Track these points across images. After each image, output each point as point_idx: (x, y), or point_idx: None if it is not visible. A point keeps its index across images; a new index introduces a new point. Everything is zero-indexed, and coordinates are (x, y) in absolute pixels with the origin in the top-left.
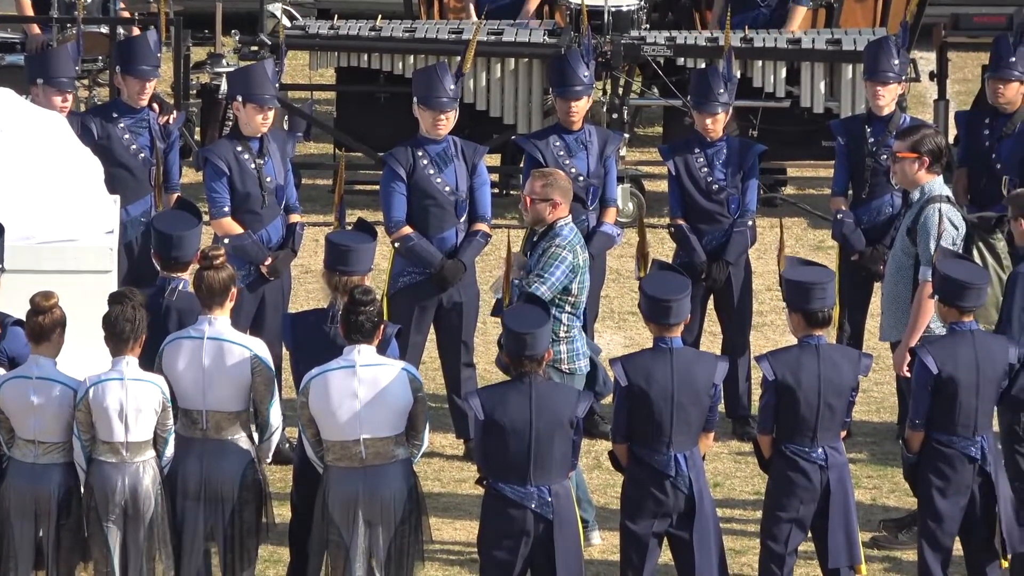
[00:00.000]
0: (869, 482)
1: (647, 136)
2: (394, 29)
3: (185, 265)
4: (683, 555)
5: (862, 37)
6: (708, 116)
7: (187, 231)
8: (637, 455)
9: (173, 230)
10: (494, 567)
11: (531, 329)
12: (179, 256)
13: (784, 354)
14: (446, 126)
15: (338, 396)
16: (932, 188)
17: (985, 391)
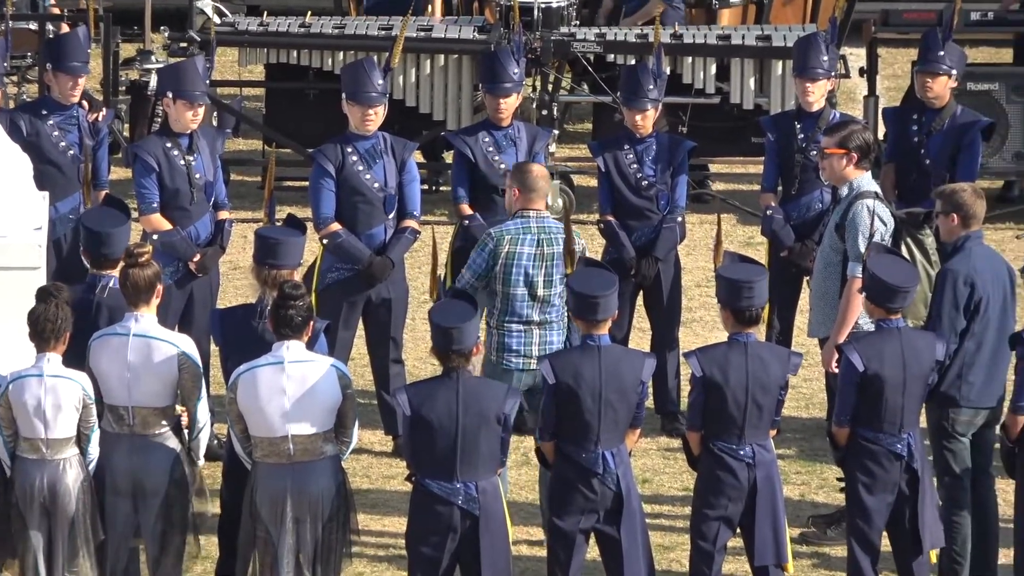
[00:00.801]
0: (798, 478)
1: (577, 132)
2: (323, 26)
3: (115, 262)
4: (611, 552)
5: (792, 33)
6: (638, 112)
7: (116, 228)
8: (564, 452)
9: (102, 227)
10: (422, 563)
11: (457, 323)
12: (108, 253)
13: (713, 351)
14: (375, 121)
15: (266, 392)
16: (860, 184)
17: (912, 388)
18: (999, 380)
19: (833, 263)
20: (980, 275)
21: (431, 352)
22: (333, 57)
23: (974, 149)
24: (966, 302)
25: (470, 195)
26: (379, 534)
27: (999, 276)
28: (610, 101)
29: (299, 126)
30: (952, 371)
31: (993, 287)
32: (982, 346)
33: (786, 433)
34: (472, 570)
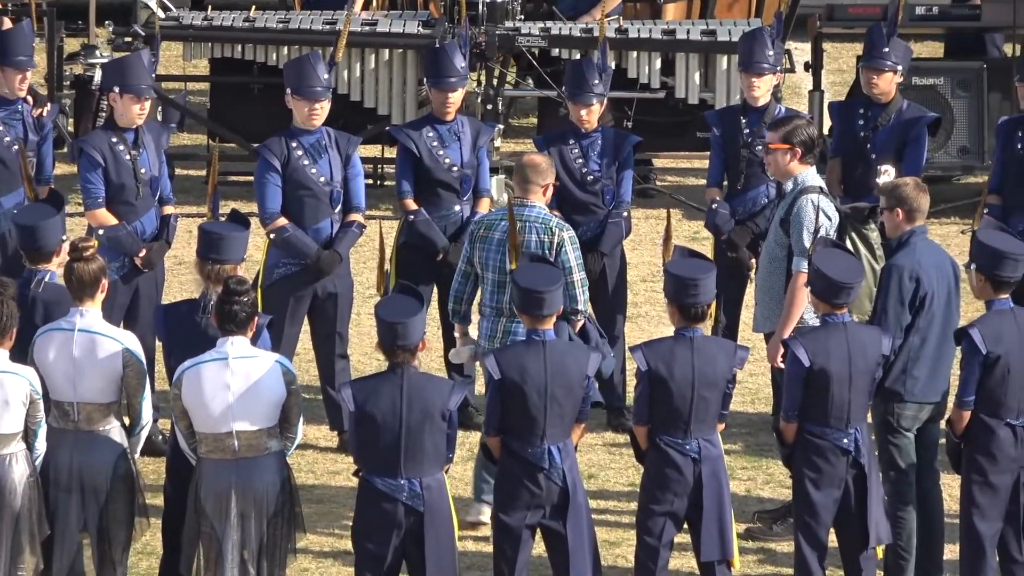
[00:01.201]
0: (744, 473)
1: (522, 127)
2: (268, 20)
3: (48, 256)
4: (557, 547)
5: (737, 28)
6: (583, 107)
7: (44, 221)
8: (510, 447)
9: (31, 221)
10: (367, 559)
11: (403, 319)
12: (41, 247)
13: (658, 345)
14: (321, 116)
15: (211, 388)
16: (805, 179)
17: (858, 383)
18: (944, 375)
19: (778, 258)
20: (925, 270)
21: (376, 347)
22: (278, 51)
23: (920, 144)
24: (911, 297)
25: (415, 190)
26: (324, 530)
27: (944, 271)
28: (555, 96)
29: (244, 120)
30: (897, 366)
31: (938, 282)
32: (927, 341)
33: (732, 428)
34: (417, 566)
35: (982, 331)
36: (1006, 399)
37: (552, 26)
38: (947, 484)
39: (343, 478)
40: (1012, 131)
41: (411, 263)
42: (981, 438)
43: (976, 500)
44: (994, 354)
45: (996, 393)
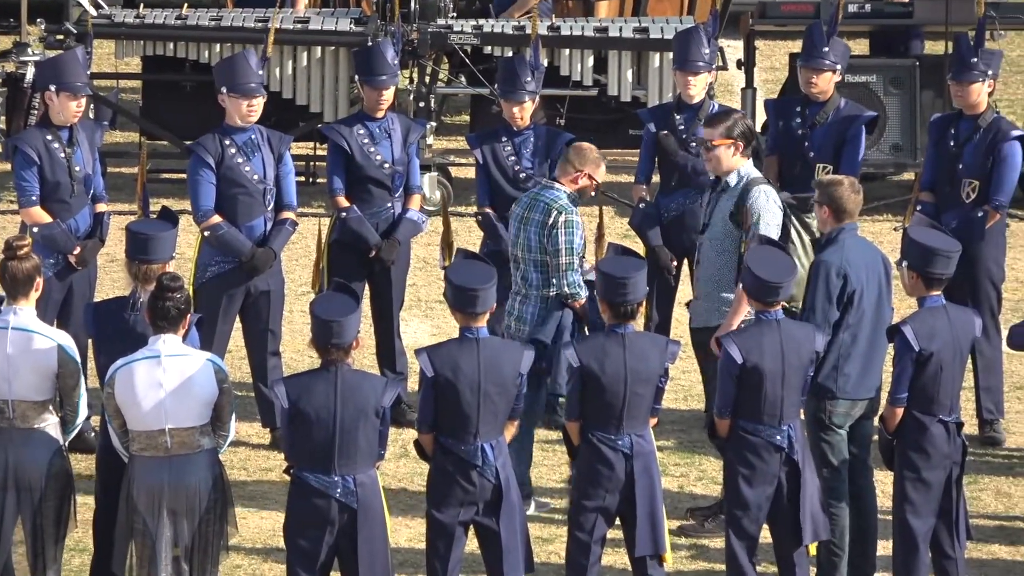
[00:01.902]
0: (676, 470)
1: (454, 124)
2: (200, 18)
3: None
4: (490, 544)
5: (669, 25)
6: (515, 104)
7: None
8: (443, 445)
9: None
10: (299, 556)
11: (338, 317)
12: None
13: (590, 341)
14: (257, 112)
15: (143, 387)
16: (750, 171)
17: (791, 380)
18: (875, 372)
19: (728, 251)
20: (853, 267)
21: (310, 345)
22: (210, 49)
23: (858, 142)
24: (839, 294)
25: (347, 187)
26: (257, 527)
27: (874, 268)
28: (487, 93)
29: (176, 118)
30: (828, 363)
31: (867, 279)
32: (857, 338)
33: (665, 425)
34: (350, 563)
35: (914, 328)
36: (939, 396)
37: (484, 23)
38: (880, 481)
39: (275, 475)
40: (944, 128)
41: (343, 260)
42: (914, 435)
43: (909, 497)
44: (927, 351)
45: (929, 390)
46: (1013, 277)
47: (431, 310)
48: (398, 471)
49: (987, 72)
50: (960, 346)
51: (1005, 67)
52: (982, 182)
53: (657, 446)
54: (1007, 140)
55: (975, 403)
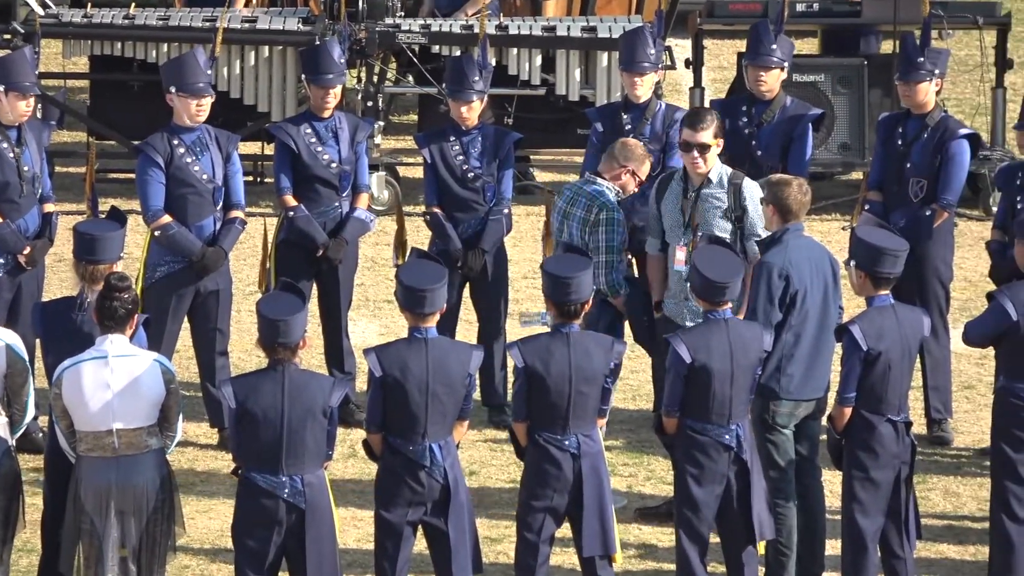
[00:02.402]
0: (625, 470)
1: (403, 124)
2: (148, 17)
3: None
4: (438, 544)
5: (617, 25)
6: (463, 104)
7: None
8: (392, 445)
9: None
10: (248, 556)
11: (285, 316)
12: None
13: (535, 341)
14: (206, 111)
15: (91, 387)
16: (724, 167)
17: (739, 379)
18: (820, 372)
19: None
20: (796, 268)
21: (257, 344)
22: (158, 49)
23: (805, 140)
24: (781, 295)
25: (294, 186)
26: (205, 527)
27: (819, 268)
28: (435, 92)
29: (123, 118)
30: (771, 364)
31: (812, 279)
32: (801, 339)
33: (613, 425)
34: (298, 563)
35: (863, 327)
36: (887, 395)
37: (432, 23)
38: (829, 481)
39: (223, 475)
40: (892, 127)
41: (291, 260)
42: (862, 434)
43: (858, 496)
44: (875, 350)
45: (877, 389)
46: (961, 276)
47: (379, 310)
48: (346, 471)
49: (934, 71)
50: (908, 345)
51: (953, 66)
52: (930, 181)
53: (605, 446)
54: (955, 139)
55: (923, 403)
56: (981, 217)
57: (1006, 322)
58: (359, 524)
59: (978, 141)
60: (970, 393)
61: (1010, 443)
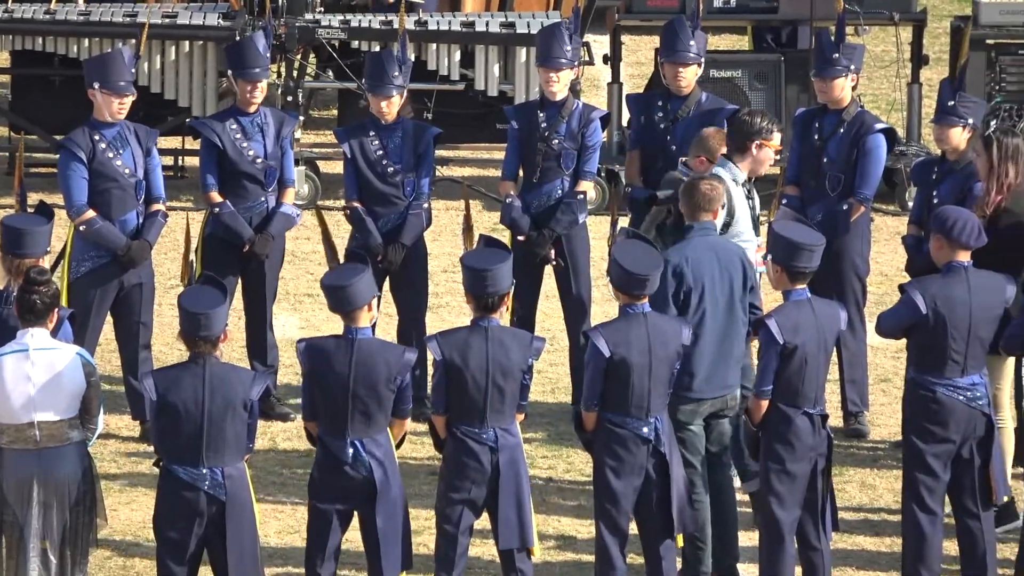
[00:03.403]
0: (544, 462)
1: (322, 119)
2: (68, 12)
3: None
4: (369, 534)
5: (535, 20)
6: (383, 99)
7: None
8: (323, 439)
9: None
10: (169, 547)
11: (205, 310)
12: None
13: (453, 335)
14: (127, 109)
15: (12, 380)
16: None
17: (658, 373)
18: (726, 370)
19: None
20: (694, 266)
21: (178, 337)
22: (79, 44)
23: None
24: (674, 292)
25: (219, 182)
26: (127, 519)
27: (725, 267)
28: (355, 87)
29: (45, 113)
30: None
31: (716, 277)
32: (702, 338)
33: (532, 418)
34: (219, 554)
35: (779, 321)
36: (803, 388)
37: (352, 18)
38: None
39: (145, 467)
40: (808, 123)
41: (217, 255)
42: (779, 427)
43: (774, 488)
44: (791, 344)
45: (793, 382)
46: (878, 271)
47: (300, 303)
48: (267, 463)
49: (849, 67)
50: (825, 339)
51: (869, 62)
52: (847, 176)
53: (525, 439)
54: (871, 133)
55: (840, 396)
56: (897, 212)
57: (916, 315)
58: (279, 516)
59: (894, 136)
60: (886, 386)
61: (920, 435)
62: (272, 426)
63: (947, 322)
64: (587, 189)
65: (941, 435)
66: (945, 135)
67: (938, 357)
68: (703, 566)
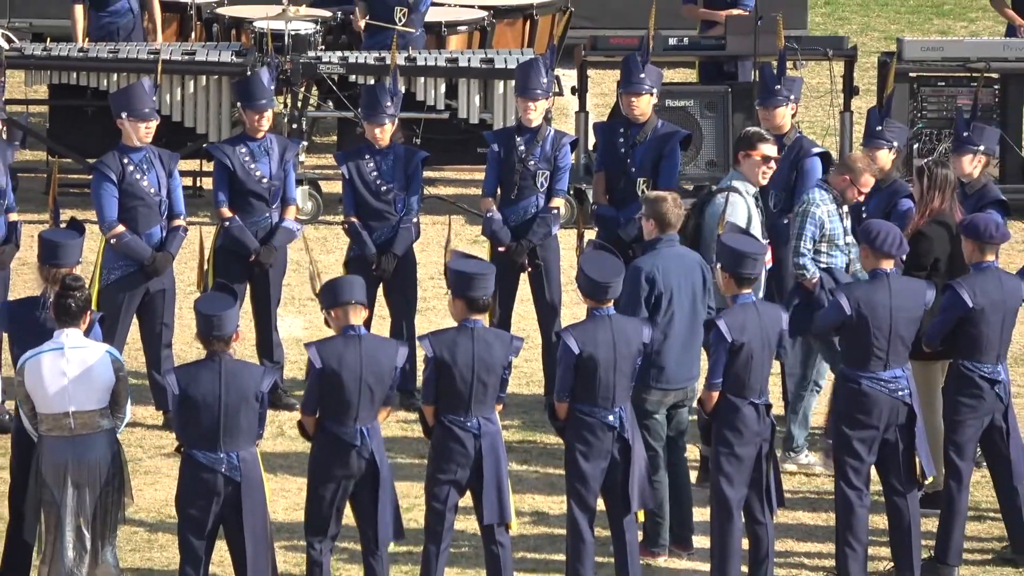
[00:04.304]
0: (520, 447)
1: (324, 144)
2: (99, 51)
3: None
4: (365, 512)
5: (512, 56)
6: (377, 126)
7: None
8: (325, 427)
9: None
10: (190, 523)
11: (218, 312)
12: None
13: (443, 334)
14: (152, 133)
15: (49, 375)
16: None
17: (622, 367)
18: (688, 365)
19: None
20: (664, 272)
21: (196, 338)
22: (108, 78)
23: (674, 158)
24: (647, 295)
25: (230, 199)
26: (152, 498)
27: (689, 273)
28: (352, 116)
29: (79, 139)
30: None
31: (681, 283)
32: (669, 335)
33: (510, 408)
34: (235, 528)
35: (728, 322)
36: (749, 381)
37: (349, 55)
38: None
39: (168, 452)
40: None
41: (227, 264)
42: (728, 415)
43: (724, 469)
44: (739, 342)
45: (741, 376)
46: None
47: (304, 307)
48: (276, 448)
49: (790, 97)
50: (768, 337)
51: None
52: (786, 193)
53: (503, 426)
54: (808, 156)
55: (781, 387)
56: None
57: (842, 316)
58: (286, 495)
59: (828, 159)
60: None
61: (848, 423)
62: (279, 415)
63: (870, 322)
64: (559, 205)
65: (866, 422)
66: (873, 157)
67: (863, 353)
68: (661, 538)
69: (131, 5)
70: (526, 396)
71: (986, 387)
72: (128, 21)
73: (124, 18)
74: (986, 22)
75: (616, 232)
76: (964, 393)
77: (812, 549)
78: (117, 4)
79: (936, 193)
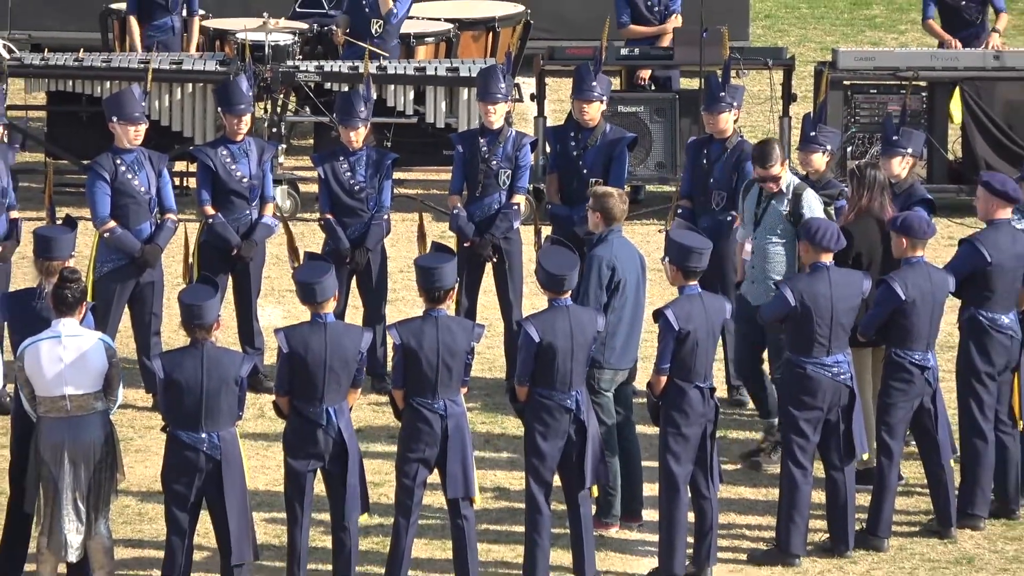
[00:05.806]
0: (483, 427)
1: (301, 147)
2: (94, 60)
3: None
4: (335, 487)
5: (476, 65)
6: (351, 130)
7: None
8: (296, 407)
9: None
10: (174, 497)
11: (199, 302)
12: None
13: (409, 323)
14: (141, 136)
15: (47, 361)
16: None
17: (578, 354)
18: (634, 346)
19: (782, 243)
20: (620, 260)
21: (180, 326)
22: (102, 85)
23: (622, 160)
24: (608, 282)
25: (212, 198)
26: (141, 474)
27: (633, 262)
28: (328, 121)
29: (75, 142)
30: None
31: (629, 271)
32: (621, 319)
33: (473, 391)
34: (216, 502)
35: (675, 312)
36: (695, 366)
37: (325, 64)
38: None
39: (155, 432)
40: (698, 149)
41: (210, 258)
42: (675, 398)
43: (671, 448)
44: (685, 330)
45: (687, 361)
46: None
47: (283, 297)
48: (256, 427)
49: (733, 104)
50: (712, 326)
51: (748, 99)
52: (729, 193)
53: (468, 408)
54: (748, 159)
55: (725, 372)
56: None
57: (787, 307)
58: (266, 471)
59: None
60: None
61: (794, 404)
62: (260, 398)
63: (812, 312)
64: (520, 201)
65: (811, 404)
66: (808, 159)
67: (807, 340)
68: (613, 510)
69: (173, 23)
70: (488, 380)
71: (916, 373)
72: (168, 38)
73: (166, 34)
74: (915, 34)
75: (570, 229)
76: (896, 378)
77: (752, 521)
78: (162, 20)
79: (865, 192)
